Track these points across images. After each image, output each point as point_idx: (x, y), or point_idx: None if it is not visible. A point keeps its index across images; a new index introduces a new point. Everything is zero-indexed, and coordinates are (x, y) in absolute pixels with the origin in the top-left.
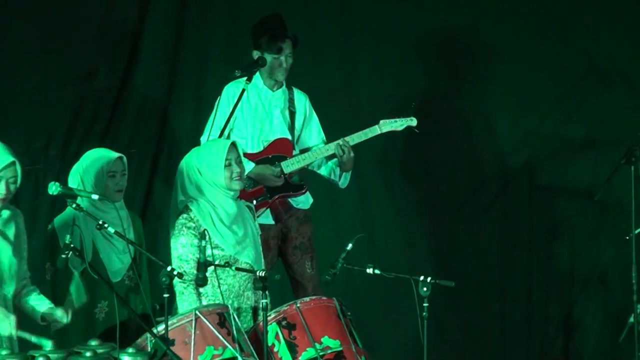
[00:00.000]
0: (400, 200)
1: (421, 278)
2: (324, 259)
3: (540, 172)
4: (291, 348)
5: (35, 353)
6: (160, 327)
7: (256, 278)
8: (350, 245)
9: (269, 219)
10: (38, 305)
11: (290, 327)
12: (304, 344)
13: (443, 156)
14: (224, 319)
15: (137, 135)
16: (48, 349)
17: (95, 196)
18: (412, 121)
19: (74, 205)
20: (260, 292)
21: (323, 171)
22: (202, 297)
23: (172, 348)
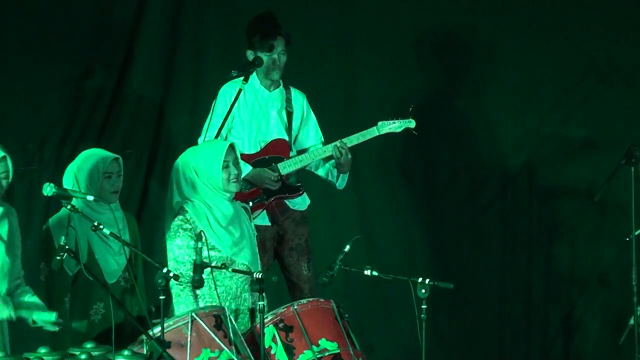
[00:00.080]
0: (399, 201)
1: (419, 280)
2: (322, 261)
3: (540, 173)
4: (288, 350)
5: (30, 355)
6: (156, 329)
7: (253, 280)
8: (348, 247)
9: (265, 220)
10: (31, 307)
11: (288, 330)
12: (301, 347)
13: (442, 156)
14: (220, 321)
15: (133, 135)
16: (43, 351)
17: (90, 197)
18: (411, 123)
19: (69, 207)
20: (258, 294)
21: (320, 172)
22: (199, 299)
23: (169, 350)
